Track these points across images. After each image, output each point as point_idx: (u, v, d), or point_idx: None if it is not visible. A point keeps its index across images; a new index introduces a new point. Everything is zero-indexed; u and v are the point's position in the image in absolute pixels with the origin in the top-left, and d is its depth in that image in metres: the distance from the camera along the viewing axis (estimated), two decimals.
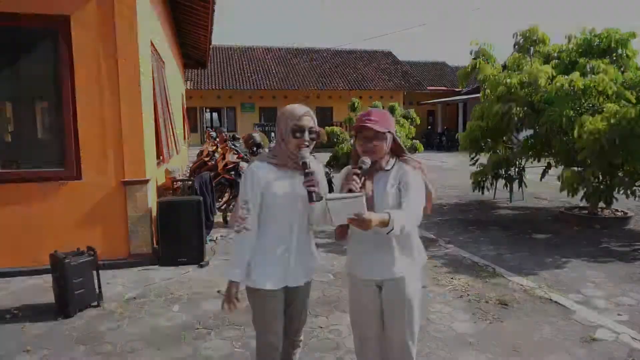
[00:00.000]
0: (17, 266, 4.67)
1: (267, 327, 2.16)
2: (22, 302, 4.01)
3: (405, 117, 16.00)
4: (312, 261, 2.25)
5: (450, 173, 14.06)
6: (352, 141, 16.68)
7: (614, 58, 7.11)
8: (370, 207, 2.02)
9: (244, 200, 2.06)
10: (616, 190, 6.15)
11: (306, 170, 1.98)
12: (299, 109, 2.10)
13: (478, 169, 7.99)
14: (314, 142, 2.11)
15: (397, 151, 2.17)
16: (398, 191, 2.06)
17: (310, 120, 2.08)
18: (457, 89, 30.04)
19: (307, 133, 2.06)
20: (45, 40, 4.77)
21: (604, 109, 5.89)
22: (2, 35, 4.59)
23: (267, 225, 2.10)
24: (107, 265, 4.67)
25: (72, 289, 3.68)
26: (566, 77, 6.42)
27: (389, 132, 2.07)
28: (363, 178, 1.98)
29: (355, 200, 1.76)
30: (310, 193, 1.94)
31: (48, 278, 4.22)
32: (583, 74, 6.43)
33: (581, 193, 6.46)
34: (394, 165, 2.13)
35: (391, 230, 1.86)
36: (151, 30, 5.99)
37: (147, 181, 4.93)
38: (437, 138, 25.54)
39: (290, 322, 2.28)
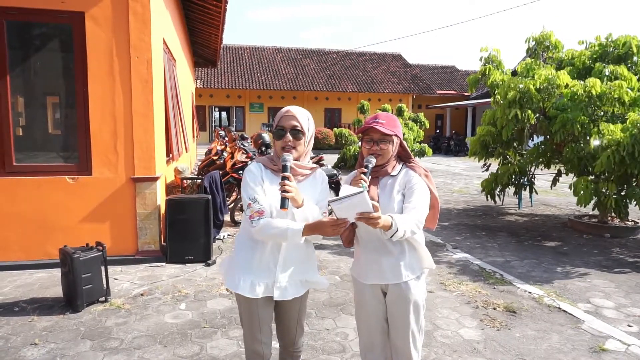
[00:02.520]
0: (26, 259, 4.70)
1: (251, 334, 2.09)
2: (31, 295, 4.04)
3: (415, 120, 15.94)
4: (306, 274, 2.12)
5: (458, 178, 14.00)
6: (359, 144, 16.71)
7: (630, 65, 7.03)
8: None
9: (252, 198, 1.92)
10: (629, 201, 6.05)
11: (282, 174, 1.86)
12: (283, 109, 2.02)
13: (489, 176, 7.91)
14: (300, 141, 1.98)
15: (404, 157, 2.16)
16: (403, 197, 2.05)
17: (292, 119, 1.97)
18: (466, 93, 30.00)
19: (289, 134, 1.96)
20: (60, 36, 4.82)
21: (627, 118, 5.79)
22: (17, 31, 4.63)
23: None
24: (114, 261, 4.70)
25: (81, 284, 3.70)
26: (581, 82, 6.34)
27: (395, 135, 2.05)
28: (369, 177, 1.98)
29: (358, 197, 1.71)
30: (282, 199, 1.81)
31: (56, 272, 4.26)
32: (600, 80, 6.33)
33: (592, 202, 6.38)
34: (400, 171, 2.11)
35: (394, 233, 1.84)
36: (164, 28, 6.02)
37: (156, 178, 4.95)
38: (445, 142, 25.43)
39: (285, 333, 2.22)
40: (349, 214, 1.78)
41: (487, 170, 8.17)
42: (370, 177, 1.99)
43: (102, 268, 3.91)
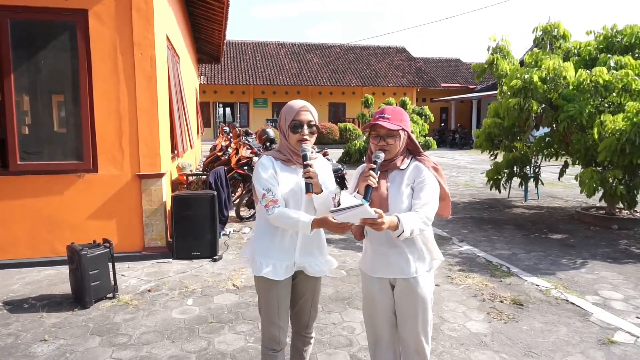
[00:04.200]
0: (34, 257, 4.75)
1: (269, 318, 2.18)
2: (40, 292, 4.08)
3: (419, 114, 15.87)
4: (323, 253, 2.25)
5: (464, 171, 13.94)
6: (364, 138, 16.52)
7: (637, 55, 6.94)
8: (385, 206, 2.01)
9: (266, 189, 2.02)
10: (636, 192, 6.00)
11: (304, 162, 1.99)
12: (296, 103, 2.12)
13: (492, 166, 7.89)
14: (314, 135, 2.11)
15: (413, 150, 2.14)
16: (412, 191, 2.04)
17: (308, 114, 2.09)
18: (471, 86, 29.79)
19: (305, 127, 2.07)
20: (64, 34, 4.81)
21: (626, 108, 5.74)
22: (21, 29, 4.64)
23: None
24: (121, 258, 4.73)
25: (89, 281, 3.73)
26: (588, 72, 6.28)
27: (402, 129, 2.04)
28: (378, 172, 1.98)
29: (359, 209, 1.75)
30: (307, 184, 1.96)
31: (64, 269, 4.30)
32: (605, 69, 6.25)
33: (599, 193, 6.32)
34: (409, 164, 2.10)
35: (401, 233, 1.86)
36: (167, 24, 6.01)
37: (162, 175, 4.97)
38: (450, 135, 25.32)
39: (299, 317, 2.30)
40: (352, 220, 1.83)
41: (495, 159, 8.13)
42: (379, 171, 1.99)
43: (110, 265, 3.94)
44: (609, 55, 6.59)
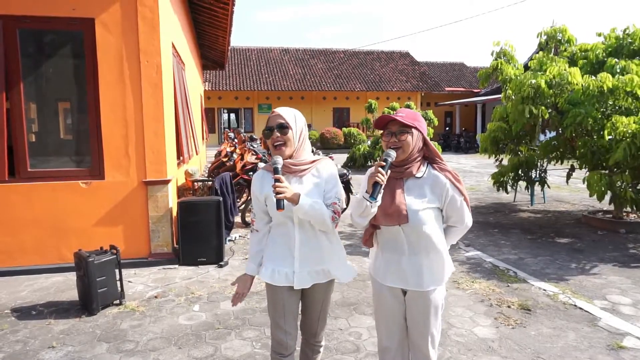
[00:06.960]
0: (42, 263, 4.77)
1: (275, 322, 2.19)
2: (47, 299, 4.10)
3: (423, 118, 15.86)
4: (327, 264, 2.16)
5: (469, 175, 13.89)
6: (369, 143, 16.33)
7: None
8: (404, 217, 1.95)
9: (252, 205, 2.23)
10: None
11: (274, 176, 1.93)
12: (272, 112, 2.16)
13: (497, 169, 7.86)
14: (287, 135, 2.04)
15: (429, 157, 2.05)
16: (432, 201, 1.98)
17: (276, 117, 2.06)
18: (475, 90, 29.73)
19: (275, 130, 2.04)
20: (71, 43, 4.88)
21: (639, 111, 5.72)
22: (30, 38, 4.71)
23: (273, 226, 2.19)
24: (128, 264, 4.75)
25: (96, 287, 3.75)
26: (594, 77, 6.26)
27: (415, 128, 1.97)
28: (388, 171, 1.89)
29: None
30: (277, 200, 1.88)
31: (72, 275, 4.32)
32: (612, 74, 6.23)
33: (608, 197, 6.28)
34: (425, 172, 2.01)
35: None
36: (172, 32, 6.06)
37: (168, 181, 4.99)
38: (455, 139, 25.26)
39: (307, 325, 2.29)
40: None
41: (500, 165, 8.11)
42: (388, 171, 1.90)
43: (117, 271, 3.96)
44: (615, 60, 6.56)
